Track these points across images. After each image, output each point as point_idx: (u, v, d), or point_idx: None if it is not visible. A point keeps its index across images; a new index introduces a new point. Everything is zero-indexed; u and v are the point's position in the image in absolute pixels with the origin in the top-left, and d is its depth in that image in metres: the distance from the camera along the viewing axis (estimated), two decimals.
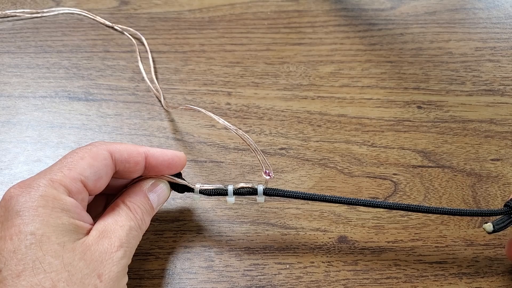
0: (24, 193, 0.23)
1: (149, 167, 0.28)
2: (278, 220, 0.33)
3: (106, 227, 0.25)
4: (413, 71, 0.44)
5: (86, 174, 0.25)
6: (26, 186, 0.23)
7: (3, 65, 0.42)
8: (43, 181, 0.23)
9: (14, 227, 0.22)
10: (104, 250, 0.23)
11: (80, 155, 0.25)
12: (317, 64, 0.44)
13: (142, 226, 0.27)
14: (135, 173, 0.28)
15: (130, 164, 0.27)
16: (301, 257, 0.31)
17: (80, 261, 0.22)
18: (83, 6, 0.48)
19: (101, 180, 0.25)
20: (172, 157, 0.28)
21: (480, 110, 0.40)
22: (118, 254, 0.24)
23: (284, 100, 0.41)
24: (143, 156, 0.27)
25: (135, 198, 0.27)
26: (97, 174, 0.25)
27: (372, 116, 0.40)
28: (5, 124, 0.38)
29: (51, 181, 0.23)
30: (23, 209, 0.22)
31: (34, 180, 0.24)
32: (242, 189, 0.30)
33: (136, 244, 0.26)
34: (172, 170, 0.29)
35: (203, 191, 0.30)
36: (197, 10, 0.49)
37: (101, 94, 0.40)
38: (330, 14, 0.49)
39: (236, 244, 0.32)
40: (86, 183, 0.25)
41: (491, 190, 0.35)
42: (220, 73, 0.43)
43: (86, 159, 0.25)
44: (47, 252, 0.21)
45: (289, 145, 0.37)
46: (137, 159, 0.27)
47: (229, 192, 0.29)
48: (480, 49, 0.46)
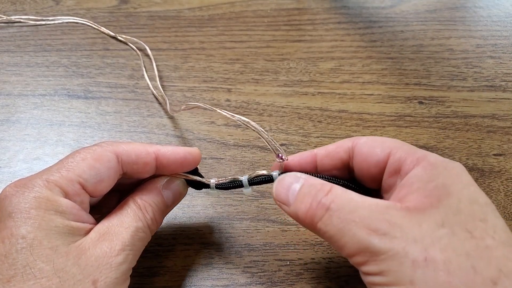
0: (19, 193, 0.22)
1: (160, 166, 0.27)
2: (278, 217, 0.33)
3: (109, 228, 0.23)
4: (414, 67, 0.43)
5: (85, 176, 0.23)
6: (21, 186, 0.22)
7: (2, 63, 0.42)
8: (38, 181, 0.23)
9: (6, 230, 0.21)
10: (102, 254, 0.22)
11: (82, 156, 0.24)
12: (318, 61, 0.43)
13: (152, 226, 0.25)
14: (145, 173, 0.26)
15: (139, 166, 0.26)
16: (301, 254, 0.31)
17: (73, 266, 0.21)
18: (82, 5, 0.48)
19: (102, 182, 0.24)
20: (184, 155, 0.27)
21: (482, 105, 0.40)
22: (118, 259, 0.22)
23: (284, 96, 0.40)
24: (153, 156, 0.26)
25: (147, 195, 0.26)
26: (98, 177, 0.24)
27: (373, 111, 0.39)
28: (4, 122, 0.38)
29: (46, 181, 0.23)
30: (16, 210, 0.21)
31: (30, 180, 0.23)
32: (257, 177, 0.27)
33: (142, 246, 0.25)
34: (186, 168, 0.28)
35: (219, 185, 0.28)
36: (196, 8, 0.49)
37: (100, 92, 0.40)
38: (330, 12, 0.49)
39: (236, 241, 0.31)
40: (85, 185, 0.23)
41: (494, 185, 0.35)
42: (220, 70, 0.42)
43: (88, 160, 0.24)
44: (38, 256, 0.21)
45: (289, 141, 0.37)
46: (146, 160, 0.26)
47: (244, 182, 0.28)
48: (481, 46, 0.46)
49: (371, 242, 0.20)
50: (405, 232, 0.20)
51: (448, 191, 0.21)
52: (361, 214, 0.21)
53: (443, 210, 0.20)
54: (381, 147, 0.25)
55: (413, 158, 0.23)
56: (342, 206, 0.21)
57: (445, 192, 0.21)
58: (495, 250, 0.19)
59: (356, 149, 0.26)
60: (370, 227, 0.20)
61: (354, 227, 0.20)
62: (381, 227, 0.20)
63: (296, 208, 0.23)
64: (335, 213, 0.21)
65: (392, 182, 0.24)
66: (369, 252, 0.20)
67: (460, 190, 0.21)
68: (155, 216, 0.26)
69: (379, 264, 0.20)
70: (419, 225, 0.20)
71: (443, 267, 0.19)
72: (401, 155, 0.24)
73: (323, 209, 0.22)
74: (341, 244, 0.21)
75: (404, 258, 0.19)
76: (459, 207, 0.20)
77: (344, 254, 0.21)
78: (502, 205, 0.33)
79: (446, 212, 0.20)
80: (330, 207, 0.22)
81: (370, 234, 0.20)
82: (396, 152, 0.24)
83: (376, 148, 0.25)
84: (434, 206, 0.21)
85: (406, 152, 0.24)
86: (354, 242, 0.20)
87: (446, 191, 0.21)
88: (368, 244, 0.20)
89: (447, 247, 0.19)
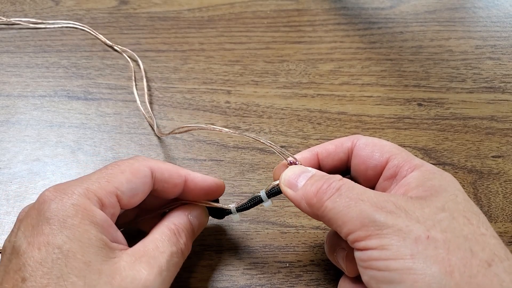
0: (57, 199, 0.22)
1: (187, 190, 0.27)
2: (278, 219, 0.33)
3: (146, 252, 0.23)
4: (413, 69, 0.43)
5: (122, 189, 0.24)
6: (60, 192, 0.22)
7: (2, 64, 0.42)
8: (78, 189, 0.23)
9: (43, 236, 0.21)
10: (140, 276, 0.22)
11: (121, 169, 0.24)
12: (317, 62, 0.43)
13: (184, 251, 0.25)
14: (172, 194, 0.27)
15: (169, 185, 0.26)
16: (301, 256, 0.31)
17: (105, 285, 0.21)
18: (82, 6, 0.48)
19: (136, 196, 0.25)
20: (211, 184, 0.28)
21: (481, 107, 0.40)
22: (156, 284, 0.22)
23: (283, 98, 0.40)
24: (183, 179, 0.27)
25: (179, 221, 0.26)
26: (133, 190, 0.24)
27: (372, 113, 0.39)
28: (4, 123, 0.38)
29: (86, 190, 0.23)
30: (53, 217, 0.21)
31: (69, 186, 0.23)
32: (273, 189, 0.28)
33: (175, 272, 0.25)
34: (209, 197, 0.28)
35: (239, 208, 0.28)
36: (196, 9, 0.49)
37: (100, 93, 0.40)
38: (329, 13, 0.49)
39: (236, 243, 0.31)
40: (121, 197, 0.24)
41: (493, 187, 0.35)
42: (219, 72, 0.42)
43: (126, 173, 0.24)
44: (71, 269, 0.21)
45: (289, 143, 0.37)
46: (177, 181, 0.26)
47: (263, 197, 0.28)
48: (480, 47, 0.46)
49: (377, 216, 0.21)
50: (409, 214, 0.21)
51: (445, 189, 0.23)
52: (369, 195, 0.22)
53: (442, 198, 0.22)
54: (380, 151, 0.26)
55: (410, 165, 0.25)
56: (353, 188, 0.23)
57: (442, 189, 0.23)
58: (489, 238, 0.21)
59: (355, 151, 0.27)
60: (377, 205, 0.22)
61: (362, 204, 0.22)
62: (387, 206, 0.21)
63: (306, 190, 0.24)
64: (345, 192, 0.23)
65: (387, 185, 0.26)
66: (373, 226, 0.21)
67: (455, 190, 0.23)
68: (187, 242, 0.26)
69: (381, 238, 0.21)
70: (422, 209, 0.21)
71: (443, 246, 0.20)
72: (399, 162, 0.25)
73: (334, 189, 0.23)
74: (346, 219, 0.22)
75: (407, 234, 0.20)
76: (457, 199, 0.22)
77: (345, 230, 0.22)
78: (501, 207, 0.33)
79: (446, 200, 0.22)
80: (340, 188, 0.23)
81: (376, 210, 0.21)
82: (394, 158, 0.25)
83: (375, 152, 0.26)
84: (434, 196, 0.22)
85: (404, 159, 0.25)
86: (360, 217, 0.21)
87: (443, 188, 0.23)
88: (374, 218, 0.21)
89: (447, 229, 0.21)
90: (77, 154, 0.36)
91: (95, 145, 0.37)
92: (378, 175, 0.26)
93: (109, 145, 0.37)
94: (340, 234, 0.23)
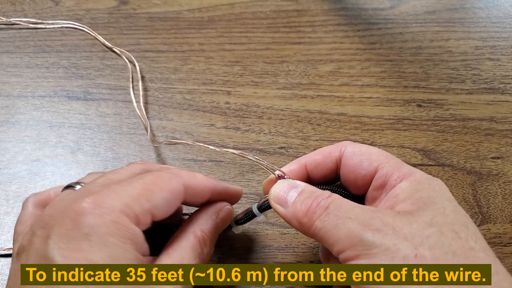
0: (97, 213, 0.21)
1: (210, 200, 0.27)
2: (278, 220, 0.33)
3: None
4: (413, 70, 0.43)
5: (158, 207, 0.23)
6: (99, 205, 0.22)
7: (2, 64, 0.42)
8: (118, 204, 0.22)
9: (81, 253, 0.21)
10: None
11: (161, 187, 0.24)
12: (317, 63, 0.44)
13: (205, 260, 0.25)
14: (196, 205, 0.27)
15: (197, 199, 0.26)
16: (300, 257, 0.31)
17: None
18: (82, 6, 0.48)
19: (168, 212, 0.24)
20: (232, 193, 0.28)
21: (481, 108, 0.40)
22: None
23: (283, 99, 0.40)
24: (211, 192, 0.27)
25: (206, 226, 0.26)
26: (167, 208, 0.24)
27: (372, 114, 0.39)
28: (3, 124, 0.38)
29: (126, 207, 0.22)
30: (93, 233, 0.21)
31: (108, 200, 0.22)
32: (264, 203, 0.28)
33: None
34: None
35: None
36: (196, 9, 0.49)
37: (100, 93, 0.40)
38: (329, 14, 0.49)
39: (235, 244, 0.31)
40: (155, 215, 0.23)
41: (492, 188, 0.35)
42: (219, 72, 0.42)
43: (164, 192, 0.24)
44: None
45: (288, 144, 0.37)
46: (205, 196, 0.26)
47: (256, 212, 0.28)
48: (480, 48, 0.46)
49: (365, 235, 0.21)
50: (396, 231, 0.21)
51: (433, 201, 0.23)
52: (357, 213, 0.22)
53: (431, 212, 0.22)
54: (368, 160, 0.26)
55: (399, 174, 0.25)
56: (340, 206, 0.23)
57: (430, 201, 0.23)
58: (477, 252, 0.21)
59: (343, 160, 0.27)
60: (364, 223, 0.22)
61: (349, 223, 0.22)
62: (375, 223, 0.22)
63: (296, 209, 0.24)
64: (333, 211, 0.23)
65: (377, 195, 0.26)
66: (361, 246, 0.21)
67: (443, 201, 0.23)
68: (210, 250, 0.26)
69: (370, 258, 0.21)
70: (410, 224, 0.21)
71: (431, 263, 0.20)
72: (388, 170, 0.25)
73: (322, 208, 0.23)
74: (335, 239, 0.22)
75: (395, 253, 0.20)
76: (445, 212, 0.22)
77: (336, 250, 0.22)
78: (500, 208, 0.34)
79: (434, 214, 0.22)
80: (329, 207, 0.23)
81: (364, 229, 0.21)
82: (383, 167, 0.25)
83: (363, 162, 0.26)
84: (422, 209, 0.22)
85: (393, 167, 0.25)
86: (348, 236, 0.22)
87: (431, 200, 0.23)
88: (361, 237, 0.21)
89: (436, 245, 0.21)
90: (77, 155, 0.36)
91: (95, 145, 0.37)
92: (367, 184, 0.26)
93: (109, 145, 0.37)
94: (332, 252, 0.23)
